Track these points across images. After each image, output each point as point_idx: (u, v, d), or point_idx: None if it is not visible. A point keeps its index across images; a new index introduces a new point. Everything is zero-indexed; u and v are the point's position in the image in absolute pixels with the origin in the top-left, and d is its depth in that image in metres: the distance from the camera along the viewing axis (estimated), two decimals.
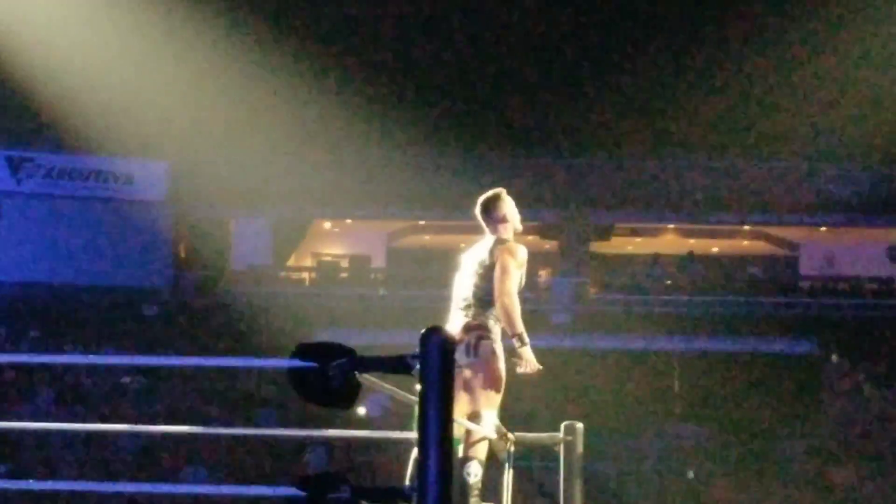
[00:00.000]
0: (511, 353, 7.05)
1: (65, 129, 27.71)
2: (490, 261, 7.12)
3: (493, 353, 7.06)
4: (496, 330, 7.09)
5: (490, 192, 7.40)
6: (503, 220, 7.30)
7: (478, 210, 7.38)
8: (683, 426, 25.61)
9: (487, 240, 7.32)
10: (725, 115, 27.26)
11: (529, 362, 6.95)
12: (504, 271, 7.00)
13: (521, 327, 6.96)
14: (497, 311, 7.05)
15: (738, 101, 27.19)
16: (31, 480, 4.94)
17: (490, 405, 7.03)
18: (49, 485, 5.16)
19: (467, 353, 6.98)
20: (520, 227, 7.38)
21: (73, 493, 5.01)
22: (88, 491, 4.84)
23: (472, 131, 27.07)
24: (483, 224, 7.36)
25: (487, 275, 7.10)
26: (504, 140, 27.93)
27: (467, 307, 7.13)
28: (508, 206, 7.31)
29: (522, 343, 6.98)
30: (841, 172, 28.16)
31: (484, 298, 7.09)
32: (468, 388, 7.01)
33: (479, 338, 7.03)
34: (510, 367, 7.08)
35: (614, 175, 28.73)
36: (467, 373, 6.99)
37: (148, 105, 26.29)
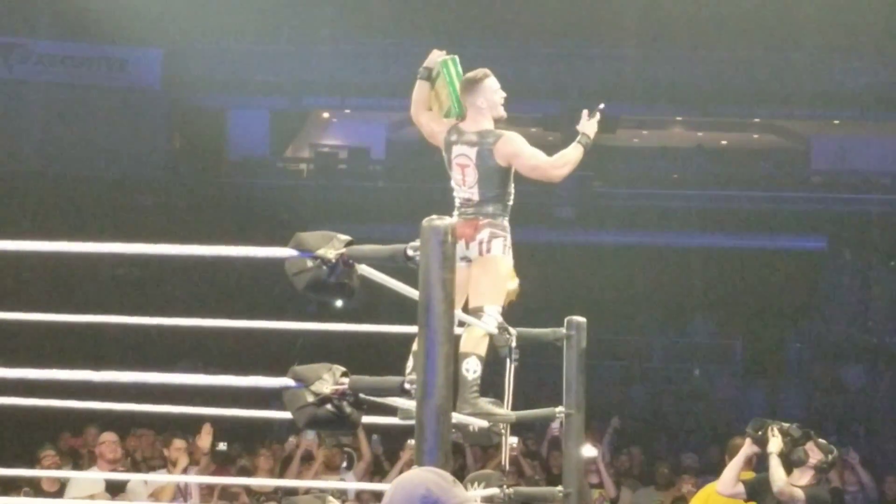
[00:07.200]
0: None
1: (57, 15, 27.18)
2: (491, 158, 6.65)
3: (505, 249, 6.72)
4: (507, 225, 6.75)
5: (472, 73, 6.78)
6: (480, 105, 6.72)
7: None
8: (690, 323, 25.44)
9: (472, 125, 6.74)
10: (732, 3, 26.47)
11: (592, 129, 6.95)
12: (524, 157, 6.64)
13: (578, 147, 6.85)
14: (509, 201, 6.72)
15: None
16: (24, 369, 4.62)
17: (495, 301, 6.65)
18: (43, 373, 5.00)
19: (480, 251, 6.65)
20: (503, 114, 6.80)
21: (63, 382, 4.71)
22: (80, 380, 4.51)
23: (476, 19, 26.40)
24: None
25: (489, 172, 6.65)
26: (506, 28, 27.26)
27: (474, 204, 6.72)
28: (487, 92, 6.72)
29: (588, 140, 6.94)
30: (854, 64, 27.53)
31: (491, 196, 6.70)
32: (474, 282, 6.64)
33: (493, 235, 6.68)
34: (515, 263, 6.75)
35: (618, 65, 28.14)
36: (476, 269, 6.65)
37: None
